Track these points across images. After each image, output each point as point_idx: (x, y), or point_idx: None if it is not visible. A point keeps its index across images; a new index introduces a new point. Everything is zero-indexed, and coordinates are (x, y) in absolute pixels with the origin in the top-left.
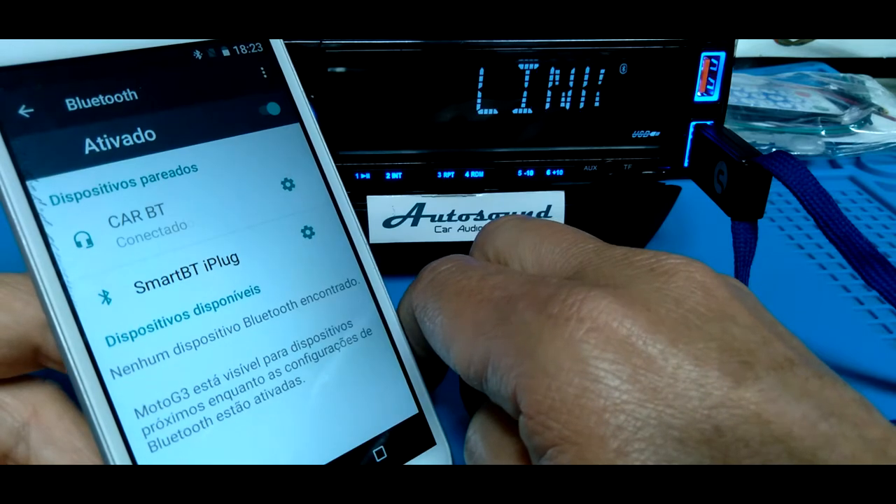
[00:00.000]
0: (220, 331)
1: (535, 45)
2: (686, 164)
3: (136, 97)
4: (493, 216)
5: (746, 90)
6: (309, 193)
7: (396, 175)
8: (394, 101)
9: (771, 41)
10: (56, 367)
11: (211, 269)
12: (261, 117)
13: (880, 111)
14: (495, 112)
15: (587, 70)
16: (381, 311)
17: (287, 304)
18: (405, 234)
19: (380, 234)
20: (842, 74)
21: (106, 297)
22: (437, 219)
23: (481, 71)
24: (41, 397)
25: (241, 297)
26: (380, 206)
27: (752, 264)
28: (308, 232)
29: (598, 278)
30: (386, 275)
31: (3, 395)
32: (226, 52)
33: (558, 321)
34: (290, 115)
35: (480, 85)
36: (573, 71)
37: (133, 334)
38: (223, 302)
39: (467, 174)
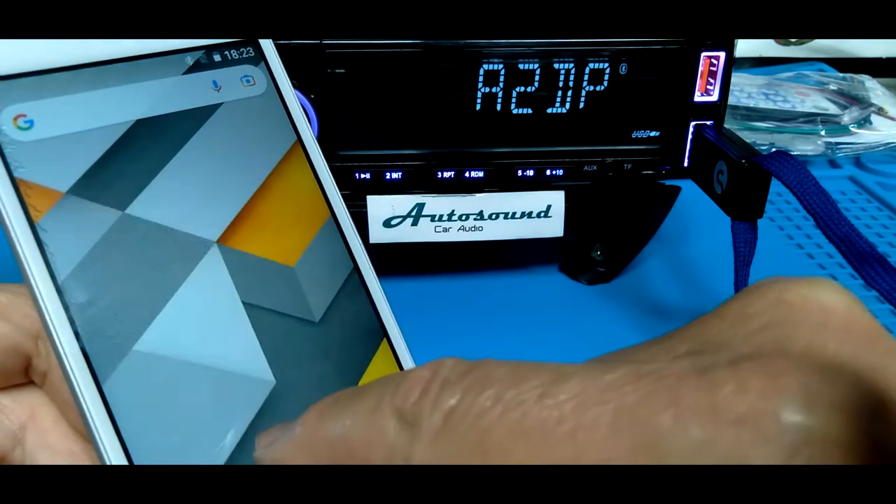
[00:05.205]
0: (215, 333)
1: (535, 45)
2: (686, 164)
3: (128, 104)
4: (493, 216)
5: (746, 90)
6: None
7: (396, 175)
8: (394, 101)
9: (771, 41)
10: (39, 382)
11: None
12: (251, 119)
13: (880, 111)
14: (495, 112)
15: (587, 70)
16: (377, 310)
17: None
18: (405, 234)
19: (380, 234)
20: (842, 74)
21: (101, 300)
22: (437, 219)
23: (481, 71)
24: (39, 400)
25: (237, 300)
26: (380, 206)
27: (751, 264)
28: None
29: None
30: (386, 274)
31: (2, 397)
32: (217, 57)
33: None
34: (281, 115)
35: (480, 85)
36: (573, 71)
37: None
38: (218, 305)
39: (467, 174)
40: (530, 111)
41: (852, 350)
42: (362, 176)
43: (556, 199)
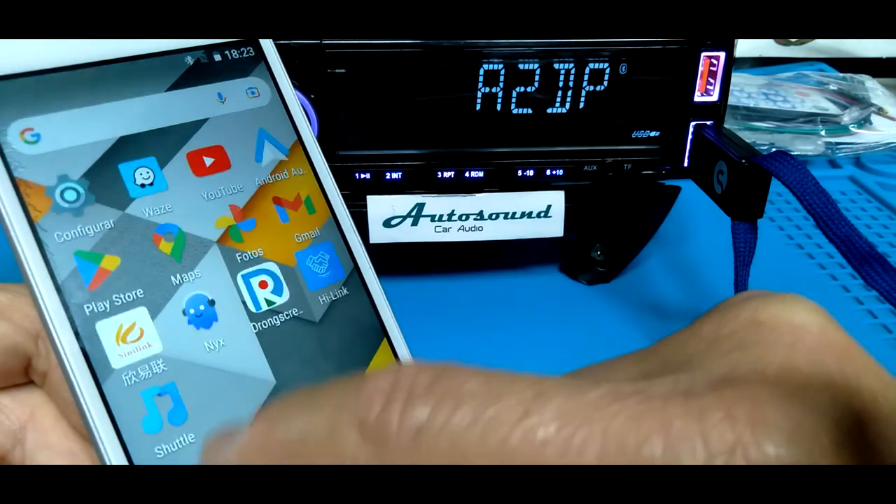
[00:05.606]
0: (216, 333)
1: (535, 45)
2: (686, 164)
3: (129, 104)
4: (493, 216)
5: (746, 90)
6: None
7: (396, 175)
8: (394, 101)
9: (771, 41)
10: (39, 381)
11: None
12: (250, 119)
13: (880, 111)
14: (495, 112)
15: (587, 70)
16: (377, 310)
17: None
18: (405, 234)
19: (380, 234)
20: (842, 74)
21: (101, 302)
22: (437, 219)
23: (481, 71)
24: (39, 400)
25: (237, 300)
26: (380, 206)
27: (751, 264)
28: None
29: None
30: (386, 274)
31: (2, 397)
32: (217, 57)
33: None
34: (282, 115)
35: (480, 85)
36: (573, 71)
37: (130, 338)
38: (218, 305)
39: (467, 174)
40: (530, 111)
41: (826, 369)
42: (362, 176)
43: (556, 199)
